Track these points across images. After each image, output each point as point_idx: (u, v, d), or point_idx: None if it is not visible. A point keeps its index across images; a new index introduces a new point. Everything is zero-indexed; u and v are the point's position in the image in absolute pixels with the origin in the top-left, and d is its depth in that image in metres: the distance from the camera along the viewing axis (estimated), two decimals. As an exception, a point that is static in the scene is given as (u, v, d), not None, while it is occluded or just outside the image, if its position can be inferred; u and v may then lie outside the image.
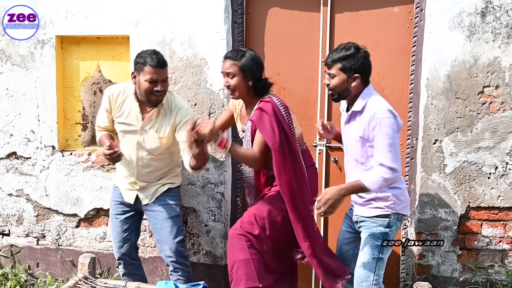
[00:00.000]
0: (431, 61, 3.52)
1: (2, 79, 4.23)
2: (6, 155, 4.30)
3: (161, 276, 4.11)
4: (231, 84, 3.08)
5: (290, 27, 3.87)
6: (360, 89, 2.93)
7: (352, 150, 2.99)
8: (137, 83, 3.26)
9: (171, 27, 3.87)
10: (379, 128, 2.79)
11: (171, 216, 3.44)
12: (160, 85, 3.22)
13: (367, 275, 2.95)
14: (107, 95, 3.41)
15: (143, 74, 3.20)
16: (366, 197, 2.98)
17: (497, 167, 3.53)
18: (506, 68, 3.45)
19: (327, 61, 2.94)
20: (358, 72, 2.88)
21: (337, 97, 2.98)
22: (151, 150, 3.38)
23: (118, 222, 3.51)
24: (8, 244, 4.39)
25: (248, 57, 3.08)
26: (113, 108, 3.39)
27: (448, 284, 3.67)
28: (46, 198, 4.27)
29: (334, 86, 2.93)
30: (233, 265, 3.03)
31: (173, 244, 3.40)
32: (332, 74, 2.91)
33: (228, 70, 3.08)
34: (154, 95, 3.23)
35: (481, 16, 3.45)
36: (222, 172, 3.93)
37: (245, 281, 2.96)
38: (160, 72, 3.21)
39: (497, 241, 3.61)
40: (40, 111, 4.18)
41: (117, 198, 3.54)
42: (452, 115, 3.54)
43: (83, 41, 4.15)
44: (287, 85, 3.91)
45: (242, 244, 3.02)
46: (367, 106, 2.88)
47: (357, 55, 2.87)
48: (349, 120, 3.00)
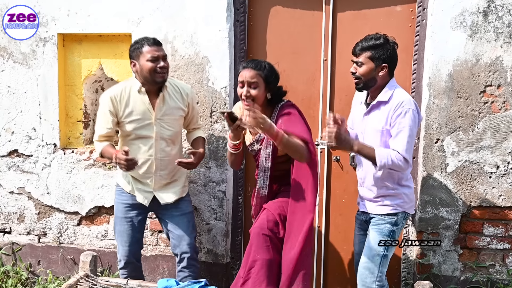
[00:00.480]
0: (433, 60, 3.53)
1: (4, 77, 4.23)
2: (8, 152, 4.30)
3: (162, 274, 4.11)
4: (252, 94, 2.98)
5: (292, 25, 3.87)
6: (386, 79, 2.95)
7: (370, 141, 2.96)
8: (138, 69, 3.25)
9: (173, 25, 3.87)
10: (402, 117, 2.83)
11: (188, 212, 3.49)
12: (162, 61, 3.23)
13: (371, 271, 2.97)
14: (108, 97, 3.30)
15: (142, 56, 3.21)
16: (376, 193, 2.99)
17: (498, 166, 3.54)
18: (508, 67, 3.45)
19: (356, 49, 2.95)
20: (387, 62, 2.91)
21: (362, 85, 2.98)
22: (168, 137, 3.37)
23: (129, 226, 3.43)
24: (9, 242, 4.39)
25: (269, 68, 3.04)
26: (119, 109, 3.30)
27: (449, 283, 3.67)
28: (47, 196, 4.27)
29: (361, 75, 2.94)
30: (254, 262, 2.96)
31: (191, 239, 3.43)
32: (360, 62, 2.93)
33: (253, 79, 2.97)
34: (158, 73, 3.22)
35: (483, 16, 3.45)
36: (223, 170, 3.93)
37: (266, 283, 2.92)
38: (159, 49, 3.25)
39: (498, 240, 3.62)
40: (41, 109, 4.18)
41: (126, 200, 3.45)
42: (454, 114, 3.54)
43: (85, 39, 4.15)
44: (289, 84, 3.89)
45: (268, 245, 2.97)
46: (393, 96, 2.91)
47: (387, 46, 2.91)
48: (370, 111, 3.00)
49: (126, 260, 3.45)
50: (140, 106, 3.31)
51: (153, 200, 3.43)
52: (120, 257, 3.47)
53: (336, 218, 3.97)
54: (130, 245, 3.44)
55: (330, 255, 4.00)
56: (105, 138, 3.36)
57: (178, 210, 3.45)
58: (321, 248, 4.00)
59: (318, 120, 3.88)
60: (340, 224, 3.93)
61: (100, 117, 3.36)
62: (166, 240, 4.05)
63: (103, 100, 3.34)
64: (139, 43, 3.26)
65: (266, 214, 3.08)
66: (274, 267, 2.98)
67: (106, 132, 3.34)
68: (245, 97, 2.99)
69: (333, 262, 4.01)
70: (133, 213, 3.45)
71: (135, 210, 3.45)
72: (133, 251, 3.46)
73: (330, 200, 3.95)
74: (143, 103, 3.31)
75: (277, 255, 3.00)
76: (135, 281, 3.16)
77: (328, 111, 3.85)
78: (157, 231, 4.10)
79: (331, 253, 3.99)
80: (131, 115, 3.31)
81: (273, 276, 2.96)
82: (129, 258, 3.45)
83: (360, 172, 3.13)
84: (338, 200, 3.93)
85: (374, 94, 3.01)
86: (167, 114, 3.35)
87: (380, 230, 2.97)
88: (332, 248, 3.99)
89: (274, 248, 2.98)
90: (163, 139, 3.36)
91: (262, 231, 2.99)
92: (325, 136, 2.76)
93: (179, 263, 3.44)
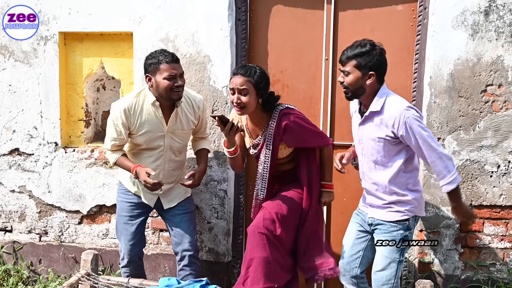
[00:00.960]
0: (434, 59, 3.53)
1: (5, 75, 4.23)
2: (9, 151, 4.30)
3: (163, 273, 4.11)
4: (243, 101, 2.99)
5: (294, 24, 3.88)
6: (375, 87, 2.86)
7: (370, 152, 2.92)
8: (154, 85, 3.19)
9: (174, 24, 3.88)
10: (411, 129, 2.74)
11: (191, 211, 3.53)
12: (179, 79, 3.19)
13: (388, 278, 2.94)
14: (122, 110, 3.22)
15: (159, 73, 3.15)
16: (386, 200, 2.93)
17: (499, 165, 3.55)
18: (509, 67, 3.46)
19: (342, 58, 2.86)
20: (374, 70, 2.80)
21: (351, 95, 2.90)
22: (177, 148, 3.40)
23: (133, 225, 3.45)
24: (10, 240, 4.40)
25: (259, 74, 3.02)
26: (132, 121, 3.25)
27: (450, 282, 3.68)
28: (48, 195, 4.27)
29: (348, 84, 2.84)
30: (251, 261, 3.00)
31: (193, 238, 3.45)
32: (347, 71, 2.84)
33: (242, 86, 2.98)
34: (175, 92, 3.18)
35: (484, 15, 3.46)
36: (225, 169, 3.93)
37: (264, 280, 2.94)
38: (176, 67, 3.19)
39: (499, 239, 3.63)
40: (43, 108, 4.18)
41: (130, 199, 3.46)
42: (455, 113, 3.55)
43: (86, 38, 4.15)
44: (290, 83, 3.92)
45: (264, 243, 2.99)
46: (386, 106, 2.82)
47: (373, 52, 2.80)
48: (365, 121, 2.93)
49: (129, 258, 3.46)
50: (153, 119, 3.28)
51: (157, 200, 3.47)
52: (123, 256, 3.47)
53: (337, 217, 3.97)
54: (133, 244, 3.45)
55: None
56: (117, 147, 3.36)
57: (180, 209, 3.48)
58: (322, 247, 4.01)
59: (319, 119, 3.89)
60: (341, 223, 3.94)
61: (111, 127, 3.30)
62: (167, 238, 4.06)
63: (116, 111, 3.26)
64: (156, 58, 3.17)
65: (263, 213, 3.11)
66: (273, 264, 2.99)
67: (120, 142, 3.33)
68: (236, 104, 3.01)
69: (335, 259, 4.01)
70: (137, 212, 3.46)
71: (139, 209, 3.47)
72: (136, 250, 3.47)
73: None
74: (156, 116, 3.28)
75: (275, 253, 3.02)
76: (136, 279, 3.17)
77: (329, 110, 3.86)
78: (158, 230, 4.11)
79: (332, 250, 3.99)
80: (143, 128, 3.27)
81: (272, 273, 2.98)
82: (132, 257, 3.46)
83: (365, 183, 3.05)
84: (339, 199, 3.93)
85: (366, 102, 2.92)
86: (179, 128, 3.36)
87: (393, 237, 2.91)
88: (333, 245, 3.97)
89: (271, 245, 3.00)
90: (172, 151, 3.39)
91: (258, 229, 3.02)
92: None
93: (180, 261, 3.45)
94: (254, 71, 3.01)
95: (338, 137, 3.86)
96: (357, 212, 3.21)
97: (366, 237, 3.11)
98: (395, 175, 2.88)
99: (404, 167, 2.88)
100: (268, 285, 2.94)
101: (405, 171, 2.89)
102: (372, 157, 2.93)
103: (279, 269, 3.05)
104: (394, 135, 2.81)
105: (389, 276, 2.94)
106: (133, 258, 3.47)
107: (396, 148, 2.85)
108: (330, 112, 3.87)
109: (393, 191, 2.90)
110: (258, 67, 3.07)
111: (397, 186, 2.89)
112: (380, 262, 2.97)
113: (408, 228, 2.93)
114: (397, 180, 2.89)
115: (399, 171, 2.88)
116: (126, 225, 3.45)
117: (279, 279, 3.04)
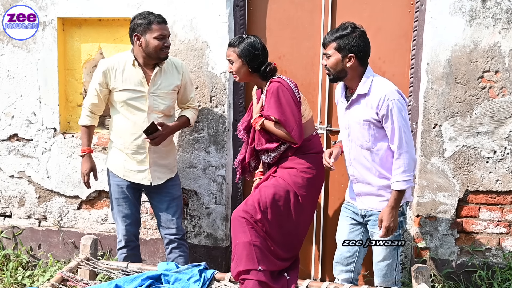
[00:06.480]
0: (432, 45, 3.54)
1: (4, 61, 4.23)
2: (8, 137, 4.31)
3: (162, 258, 4.15)
4: (231, 69, 3.27)
5: (292, 10, 3.88)
6: (358, 70, 2.88)
7: (356, 136, 2.94)
8: (143, 44, 3.32)
9: (172, 10, 3.87)
10: (390, 113, 2.77)
11: (177, 196, 3.60)
12: (168, 40, 3.36)
13: (390, 265, 2.98)
14: (101, 70, 3.40)
15: (150, 33, 3.29)
16: (375, 185, 2.94)
17: (495, 151, 3.57)
18: (506, 53, 3.47)
19: (324, 41, 2.91)
20: (353, 52, 2.82)
21: (333, 78, 2.94)
22: (162, 111, 3.46)
23: (127, 205, 3.54)
24: (10, 225, 4.43)
25: (246, 43, 3.20)
26: (110, 80, 3.39)
27: (446, 267, 3.72)
28: (47, 180, 4.29)
29: (329, 67, 2.89)
30: (235, 246, 3.06)
31: (179, 222, 3.56)
32: (328, 54, 2.88)
33: (229, 57, 3.25)
34: (163, 51, 3.35)
35: (481, 1, 3.46)
36: (223, 155, 3.95)
37: (244, 262, 2.98)
38: (166, 27, 3.38)
39: (495, 224, 3.66)
40: (41, 93, 4.19)
41: (120, 181, 3.53)
42: (452, 99, 3.57)
43: (85, 23, 4.15)
44: (288, 69, 3.93)
45: (244, 227, 3.04)
46: (372, 88, 2.84)
47: (352, 35, 2.82)
48: (351, 105, 2.94)
49: (126, 238, 3.55)
50: (134, 78, 3.39)
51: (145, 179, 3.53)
52: (121, 237, 3.56)
53: (334, 203, 4.00)
54: (129, 224, 3.55)
55: (328, 239, 4.04)
56: (94, 108, 3.51)
57: (168, 195, 3.56)
58: (319, 232, 4.04)
59: (317, 105, 3.90)
60: (338, 209, 3.96)
61: (91, 84, 3.50)
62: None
63: (97, 70, 3.45)
64: (147, 18, 3.31)
65: (247, 198, 3.20)
66: (255, 246, 3.01)
67: (96, 101, 3.46)
68: (230, 72, 3.34)
69: (332, 246, 4.03)
70: (129, 193, 3.54)
71: (130, 189, 3.54)
72: (133, 230, 3.57)
73: (329, 185, 3.98)
74: (137, 76, 3.39)
75: (256, 236, 3.03)
76: (135, 264, 3.21)
77: (327, 96, 3.87)
78: (157, 215, 4.13)
79: (329, 237, 4.02)
80: (124, 84, 3.40)
81: (252, 254, 2.99)
82: (129, 237, 3.55)
83: (353, 169, 3.04)
84: (336, 185, 3.96)
85: (351, 85, 2.94)
86: (161, 88, 3.43)
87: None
88: (330, 232, 4.01)
89: (251, 229, 3.04)
90: (156, 113, 3.44)
91: (238, 213, 3.09)
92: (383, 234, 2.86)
93: (168, 244, 3.56)
94: (240, 41, 3.22)
95: (335, 123, 3.87)
96: (346, 206, 3.19)
97: (360, 229, 3.11)
98: (383, 158, 2.89)
99: (392, 151, 2.87)
100: (249, 267, 2.95)
101: (393, 155, 2.87)
102: (358, 141, 2.94)
103: (268, 252, 3.05)
104: (378, 117, 2.83)
105: (391, 263, 2.98)
106: (130, 238, 3.56)
107: (382, 132, 2.87)
108: (328, 98, 3.89)
109: (382, 175, 2.90)
110: (250, 37, 3.24)
111: (387, 170, 2.89)
112: (380, 252, 3.00)
113: (402, 214, 2.95)
114: (387, 164, 2.89)
115: (387, 156, 2.88)
116: (120, 207, 3.54)
117: (266, 262, 3.01)
